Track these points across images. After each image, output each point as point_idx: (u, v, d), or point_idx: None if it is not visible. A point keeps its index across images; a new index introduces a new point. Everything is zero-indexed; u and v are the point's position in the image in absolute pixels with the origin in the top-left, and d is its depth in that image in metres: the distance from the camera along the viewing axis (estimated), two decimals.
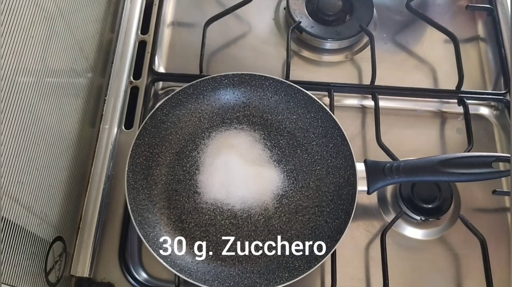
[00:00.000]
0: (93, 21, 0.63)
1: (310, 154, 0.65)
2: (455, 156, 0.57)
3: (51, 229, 0.53)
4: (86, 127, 0.63)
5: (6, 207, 0.42)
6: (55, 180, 0.54)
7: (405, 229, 0.63)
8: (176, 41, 0.76)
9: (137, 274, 0.60)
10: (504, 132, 0.71)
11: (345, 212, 0.58)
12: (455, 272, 0.62)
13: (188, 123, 0.66)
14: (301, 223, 0.61)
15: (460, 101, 0.70)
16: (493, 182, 0.64)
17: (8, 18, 0.41)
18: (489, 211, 0.66)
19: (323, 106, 0.64)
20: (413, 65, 0.76)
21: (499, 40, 0.75)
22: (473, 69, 0.76)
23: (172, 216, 0.61)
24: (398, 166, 0.58)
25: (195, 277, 0.55)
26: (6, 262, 0.43)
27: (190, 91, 0.65)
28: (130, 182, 0.59)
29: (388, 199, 0.65)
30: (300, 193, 0.63)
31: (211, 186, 0.62)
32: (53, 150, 0.53)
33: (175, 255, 0.57)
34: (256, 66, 0.73)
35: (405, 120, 0.71)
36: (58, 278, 0.55)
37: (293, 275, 0.55)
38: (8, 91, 0.42)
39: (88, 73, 0.63)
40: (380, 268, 0.58)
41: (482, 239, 0.60)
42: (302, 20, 0.75)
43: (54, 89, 0.52)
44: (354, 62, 0.75)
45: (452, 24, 0.77)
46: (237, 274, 0.58)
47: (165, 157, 0.64)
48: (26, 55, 0.45)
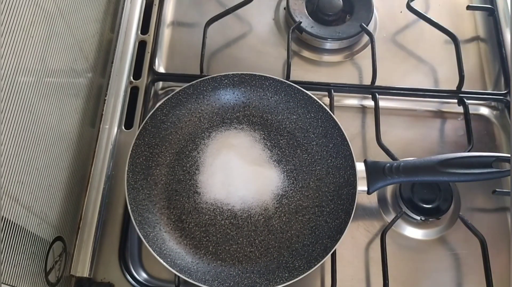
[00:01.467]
0: (93, 21, 0.63)
1: (310, 154, 0.65)
2: (455, 156, 0.57)
3: (51, 229, 0.53)
4: (86, 127, 0.63)
5: (6, 207, 0.42)
6: (55, 180, 0.54)
7: (405, 229, 0.63)
8: (176, 41, 0.76)
9: (137, 274, 0.60)
10: (504, 132, 0.71)
11: (345, 212, 0.58)
12: (455, 272, 0.62)
13: (188, 123, 0.66)
14: (301, 223, 0.61)
15: (460, 101, 0.70)
16: (493, 182, 0.64)
17: (8, 18, 0.41)
18: (489, 211, 0.66)
19: (323, 106, 0.64)
20: (413, 65, 0.76)
21: (499, 40, 0.75)
22: (473, 69, 0.76)
23: (172, 216, 0.61)
24: (398, 166, 0.58)
25: (195, 277, 0.55)
26: (6, 262, 0.43)
27: (190, 91, 0.65)
28: (130, 182, 0.59)
29: (388, 199, 0.65)
30: (300, 193, 0.63)
31: (211, 186, 0.62)
32: (53, 150, 0.53)
33: (175, 255, 0.57)
34: (256, 66, 0.73)
35: (405, 120, 0.71)
36: (58, 278, 0.55)
37: (293, 275, 0.55)
38: (8, 91, 0.42)
39: (88, 73, 0.63)
40: (380, 268, 0.58)
41: (482, 239, 0.60)
42: (302, 20, 0.75)
43: (54, 89, 0.52)
44: (354, 62, 0.75)
45: (452, 24, 0.77)
46: (237, 274, 0.58)
47: (165, 157, 0.64)
48: (26, 55, 0.45)
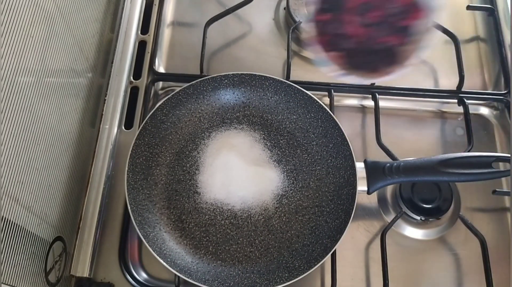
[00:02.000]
0: (93, 21, 0.63)
1: (310, 154, 0.65)
2: (455, 156, 0.57)
3: (51, 229, 0.53)
4: (86, 127, 0.63)
5: (6, 207, 0.42)
6: (55, 180, 0.54)
7: (405, 229, 0.63)
8: (176, 41, 0.76)
9: (137, 274, 0.60)
10: (504, 132, 0.71)
11: (345, 212, 0.58)
12: (455, 272, 0.62)
13: (188, 123, 0.66)
14: (301, 223, 0.61)
15: (460, 101, 0.70)
16: (493, 182, 0.64)
17: (8, 18, 0.41)
18: (489, 211, 0.66)
19: (323, 106, 0.64)
20: (413, 65, 0.75)
21: (499, 40, 0.75)
22: (473, 69, 0.76)
23: (172, 216, 0.61)
24: (398, 166, 0.58)
25: (195, 277, 0.55)
26: (6, 262, 0.43)
27: (190, 91, 0.65)
28: (130, 182, 0.59)
29: (388, 199, 0.65)
30: (300, 193, 0.63)
31: (211, 186, 0.62)
32: (53, 150, 0.53)
33: (175, 255, 0.57)
34: (256, 66, 0.73)
35: (405, 120, 0.72)
36: (58, 278, 0.55)
37: (293, 275, 0.55)
38: (8, 91, 0.42)
39: (88, 73, 0.63)
40: (380, 268, 0.58)
41: (482, 239, 0.60)
42: (302, 20, 0.75)
43: (54, 89, 0.52)
44: None
45: (452, 24, 0.77)
46: (237, 274, 0.58)
47: (165, 157, 0.64)
48: (26, 55, 0.45)
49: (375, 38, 0.50)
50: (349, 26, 0.48)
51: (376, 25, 0.48)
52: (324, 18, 0.49)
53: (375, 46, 0.50)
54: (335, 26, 0.49)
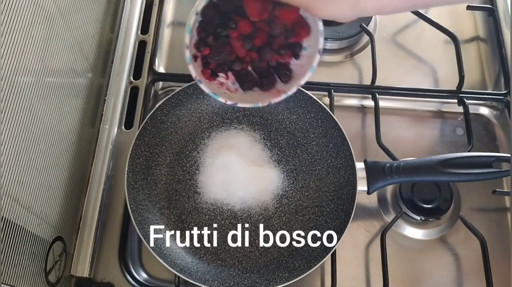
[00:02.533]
0: (93, 21, 0.63)
1: (310, 154, 0.65)
2: (455, 156, 0.57)
3: (51, 229, 0.53)
4: (86, 127, 0.63)
5: (6, 207, 0.42)
6: (55, 180, 0.54)
7: (405, 229, 0.63)
8: (176, 41, 0.76)
9: (137, 274, 0.60)
10: (504, 132, 0.71)
11: (345, 212, 0.59)
12: (455, 272, 0.62)
13: (188, 123, 0.66)
14: (301, 223, 0.61)
15: (460, 101, 0.70)
16: (493, 182, 0.64)
17: (8, 18, 0.41)
18: (489, 211, 0.66)
19: (323, 106, 0.64)
20: (413, 65, 0.76)
21: (499, 40, 0.75)
22: (473, 69, 0.76)
23: (172, 216, 0.61)
24: (398, 166, 0.58)
25: (195, 277, 0.55)
26: (6, 262, 0.43)
27: (190, 91, 0.65)
28: (130, 182, 0.59)
29: (388, 199, 0.65)
30: (300, 193, 0.63)
31: (211, 186, 0.62)
32: (53, 150, 0.53)
33: (175, 255, 0.57)
34: None
35: (405, 120, 0.72)
36: (58, 278, 0.55)
37: (293, 275, 0.55)
38: (8, 91, 0.42)
39: (88, 73, 0.63)
40: (380, 268, 0.58)
41: (482, 239, 0.60)
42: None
43: (54, 89, 0.52)
44: (354, 62, 0.75)
45: (452, 24, 0.77)
46: (237, 274, 0.58)
47: (165, 157, 0.64)
48: (26, 55, 0.45)
49: (264, 59, 0.48)
50: (234, 51, 0.47)
51: (263, 47, 0.47)
52: (205, 53, 0.48)
53: (266, 67, 0.49)
54: (217, 55, 0.47)
